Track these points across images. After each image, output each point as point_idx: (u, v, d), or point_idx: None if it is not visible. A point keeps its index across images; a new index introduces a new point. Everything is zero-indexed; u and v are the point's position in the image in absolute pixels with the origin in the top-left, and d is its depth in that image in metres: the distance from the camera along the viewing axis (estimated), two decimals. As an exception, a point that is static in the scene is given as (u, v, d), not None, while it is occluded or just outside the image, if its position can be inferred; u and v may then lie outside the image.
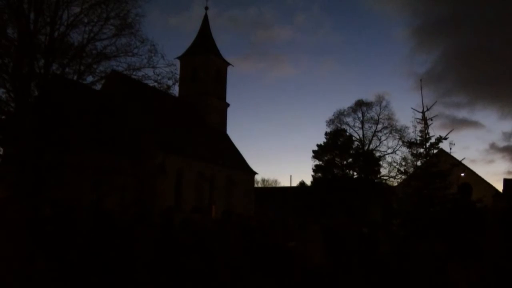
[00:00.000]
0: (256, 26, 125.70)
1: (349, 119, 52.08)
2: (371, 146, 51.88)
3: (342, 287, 6.92)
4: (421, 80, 12.25)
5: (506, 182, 39.42)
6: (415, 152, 11.56)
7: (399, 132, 50.18)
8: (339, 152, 50.37)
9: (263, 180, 79.39)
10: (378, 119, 51.71)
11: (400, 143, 49.36)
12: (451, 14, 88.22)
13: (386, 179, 49.31)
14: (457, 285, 6.07)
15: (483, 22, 77.28)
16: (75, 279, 5.58)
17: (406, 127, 48.42)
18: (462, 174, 24.59)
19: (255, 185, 52.97)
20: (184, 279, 6.48)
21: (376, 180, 48.82)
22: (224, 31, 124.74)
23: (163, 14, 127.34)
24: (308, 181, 53.57)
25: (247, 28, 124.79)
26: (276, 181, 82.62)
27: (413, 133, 11.85)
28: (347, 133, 51.77)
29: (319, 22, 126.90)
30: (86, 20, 22.50)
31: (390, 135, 51.65)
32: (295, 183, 55.61)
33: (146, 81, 24.47)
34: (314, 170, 51.32)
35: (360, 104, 51.67)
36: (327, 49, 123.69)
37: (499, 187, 39.37)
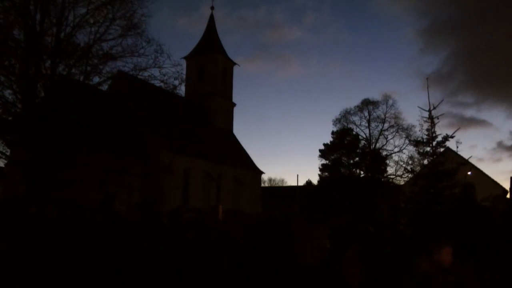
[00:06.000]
0: (265, 26, 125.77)
1: (355, 118, 52.07)
2: (377, 145, 51.83)
3: None
4: (427, 78, 12.17)
5: (514, 180, 39.09)
6: (421, 150, 11.50)
7: (406, 131, 50.18)
8: (345, 151, 50.35)
9: (270, 180, 79.47)
10: (385, 118, 51.63)
11: (407, 141, 49.35)
12: (458, 15, 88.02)
13: (392, 178, 49.33)
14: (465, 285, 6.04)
15: (490, 23, 76.94)
16: (81, 280, 5.59)
17: (413, 125, 48.47)
18: (469, 173, 24.43)
19: (262, 185, 53.01)
20: (190, 279, 6.48)
21: (382, 179, 48.79)
22: (233, 31, 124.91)
23: (171, 15, 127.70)
24: (315, 180, 53.75)
25: (256, 28, 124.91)
26: (283, 180, 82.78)
27: (419, 132, 11.81)
28: (354, 132, 51.75)
29: (328, 23, 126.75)
30: (92, 21, 22.56)
31: (396, 134, 51.61)
32: (301, 182, 55.58)
33: (152, 81, 24.54)
34: (320, 169, 51.42)
35: (367, 103, 51.62)
36: (335, 49, 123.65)
37: (506, 185, 39.18)
